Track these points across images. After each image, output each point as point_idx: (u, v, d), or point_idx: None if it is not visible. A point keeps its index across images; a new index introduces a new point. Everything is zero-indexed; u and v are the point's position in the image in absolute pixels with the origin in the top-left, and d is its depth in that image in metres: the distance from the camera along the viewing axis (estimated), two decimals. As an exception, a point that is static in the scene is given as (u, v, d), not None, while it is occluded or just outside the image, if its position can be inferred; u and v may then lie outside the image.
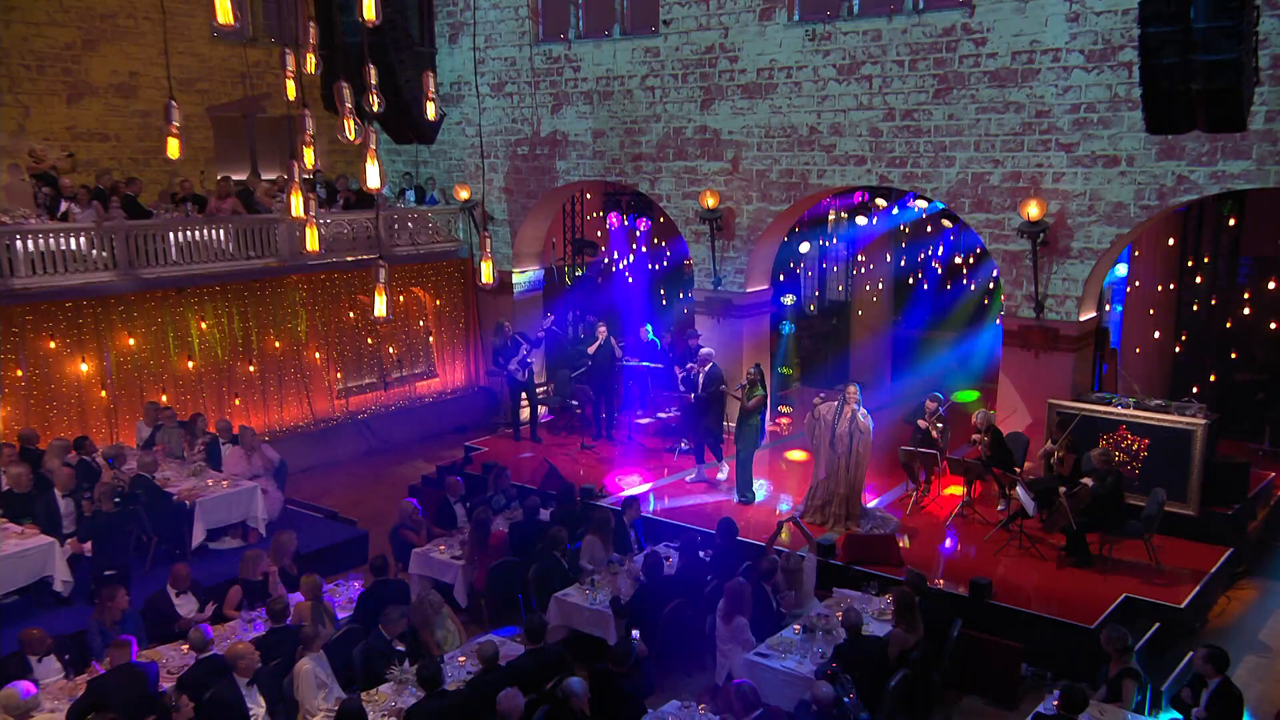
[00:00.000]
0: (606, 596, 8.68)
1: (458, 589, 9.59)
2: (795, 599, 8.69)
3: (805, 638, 7.88)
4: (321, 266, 14.95)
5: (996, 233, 12.22)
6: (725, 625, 7.98)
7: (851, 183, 13.37)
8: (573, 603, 8.82)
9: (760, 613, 8.20)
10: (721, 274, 14.80)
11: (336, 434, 15.34)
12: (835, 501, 10.95)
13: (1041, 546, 10.32)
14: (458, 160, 17.54)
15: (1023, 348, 12.12)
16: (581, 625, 8.75)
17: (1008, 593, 9.32)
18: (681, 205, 14.97)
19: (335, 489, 13.96)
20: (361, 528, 11.75)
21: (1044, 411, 11.79)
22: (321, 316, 15.12)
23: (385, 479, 14.49)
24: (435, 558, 9.89)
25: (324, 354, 15.23)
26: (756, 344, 15.14)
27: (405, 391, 16.56)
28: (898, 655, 7.54)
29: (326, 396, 15.33)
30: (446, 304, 17.10)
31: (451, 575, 9.70)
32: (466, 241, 17.29)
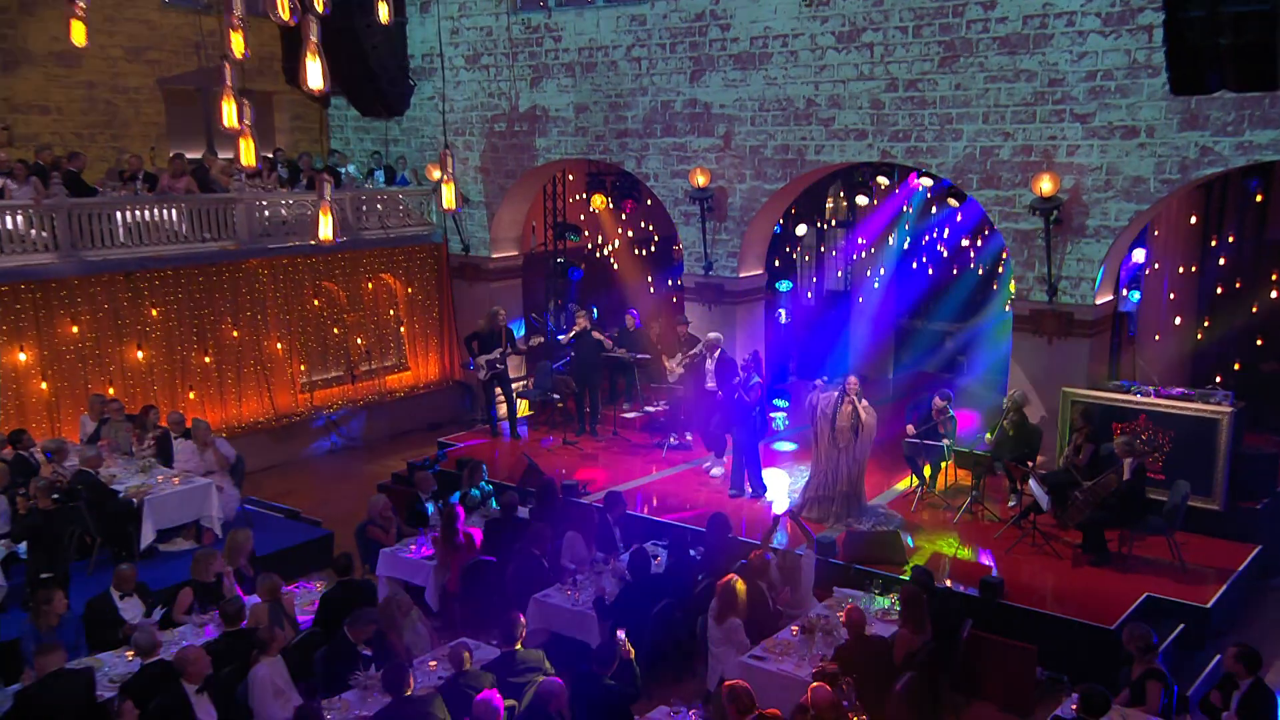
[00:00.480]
0: (590, 597, 8.57)
1: (429, 591, 9.47)
2: (792, 598, 8.56)
3: (804, 639, 7.79)
4: (283, 250, 14.79)
5: (1006, 211, 12.15)
6: (718, 626, 7.88)
7: (852, 159, 13.29)
8: (553, 604, 8.73)
9: (755, 613, 8.10)
10: (713, 258, 14.70)
11: (300, 430, 15.19)
12: (836, 499, 10.87)
13: (1056, 544, 10.26)
14: (430, 138, 17.39)
15: (1035, 334, 12.05)
16: (563, 628, 8.65)
17: (1020, 592, 9.25)
18: (670, 185, 14.87)
19: (298, 489, 13.82)
20: (326, 528, 11.58)
21: (1058, 401, 11.73)
22: (283, 304, 14.95)
23: (352, 478, 14.35)
24: (405, 558, 9.76)
25: (286, 345, 15.07)
26: (751, 332, 15.04)
27: (374, 385, 16.42)
28: (904, 657, 7.46)
29: (289, 390, 15.17)
30: (419, 292, 16.96)
31: (423, 577, 9.57)
32: (440, 225, 17.15)
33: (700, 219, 14.44)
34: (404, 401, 16.69)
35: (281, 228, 14.77)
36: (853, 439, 10.79)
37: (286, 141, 17.77)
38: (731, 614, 7.85)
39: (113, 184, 13.59)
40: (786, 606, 8.52)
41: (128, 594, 8.34)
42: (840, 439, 10.80)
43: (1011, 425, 11.18)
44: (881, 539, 10.05)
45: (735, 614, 7.85)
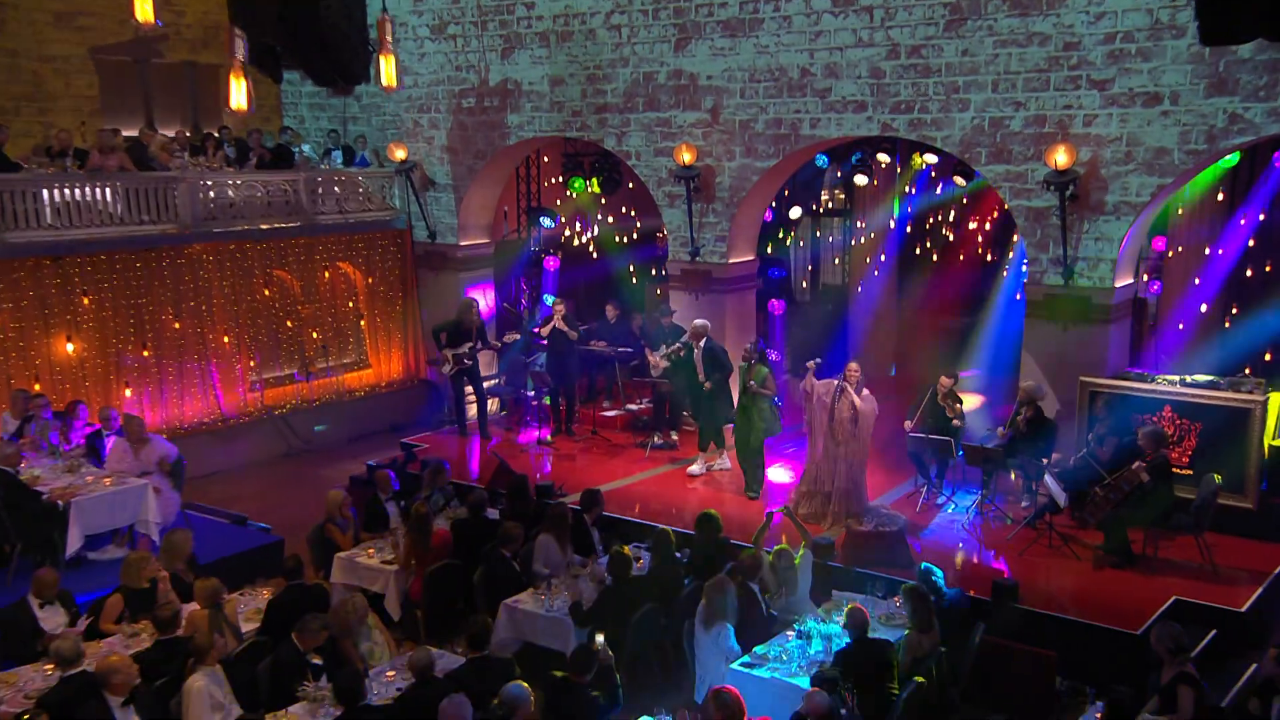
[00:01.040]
0: (566, 603, 8.37)
1: (389, 598, 9.31)
2: (788, 601, 8.42)
3: (801, 644, 7.65)
4: (230, 235, 14.58)
5: (1018, 187, 12.05)
6: (705, 631, 7.73)
7: (850, 133, 13.19)
8: (526, 610, 8.57)
9: (747, 617, 7.96)
10: (700, 242, 14.58)
11: (249, 432, 14.97)
12: (835, 497, 10.74)
13: (1075, 546, 10.19)
14: (392, 116, 17.21)
15: (1049, 320, 11.96)
16: (536, 637, 8.50)
17: (1037, 597, 9.19)
18: (653, 163, 14.74)
19: (246, 495, 13.56)
20: (277, 534, 11.35)
21: (1074, 393, 11.63)
22: (231, 294, 14.73)
23: (307, 483, 14.09)
24: (363, 563, 9.58)
25: (234, 338, 14.84)
26: (742, 323, 14.94)
27: (331, 384, 16.20)
28: (910, 663, 7.32)
29: (237, 389, 14.94)
30: (380, 282, 16.76)
31: (382, 583, 9.41)
32: (404, 211, 16.98)
33: (686, 200, 14.30)
34: (364, 402, 16.47)
35: (228, 210, 14.56)
36: (852, 431, 10.63)
37: (235, 120, 17.48)
38: (721, 618, 7.69)
39: (39, 161, 13.32)
40: (781, 611, 8.37)
41: (48, 601, 8.08)
42: (839, 431, 10.66)
43: (1026, 419, 11.08)
44: (885, 539, 9.95)
45: (725, 618, 7.70)
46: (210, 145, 15.33)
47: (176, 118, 16.36)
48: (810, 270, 18.50)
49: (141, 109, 16.38)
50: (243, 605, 8.54)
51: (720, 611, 7.70)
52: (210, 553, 10.17)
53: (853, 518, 10.61)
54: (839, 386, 10.79)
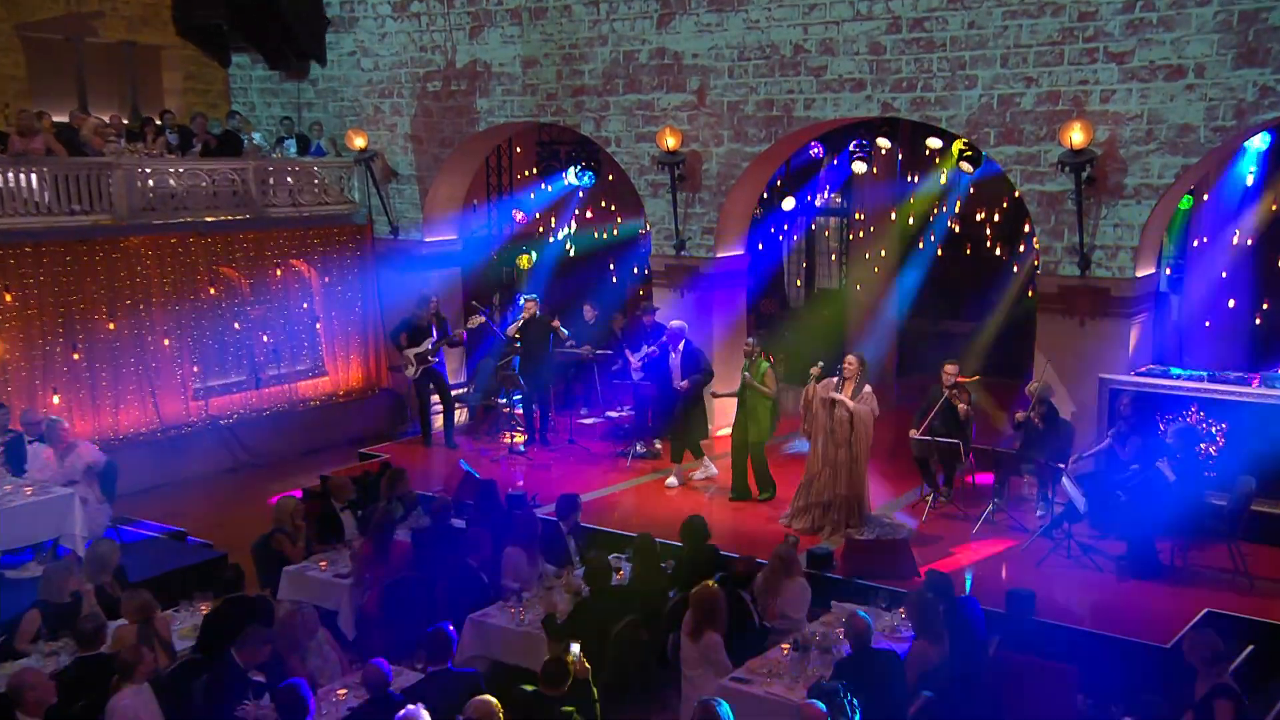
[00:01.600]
0: (539, 616, 8.20)
1: (343, 616, 9.11)
2: (784, 612, 8.29)
3: (797, 657, 7.48)
4: (172, 227, 14.39)
5: (1030, 170, 12.02)
6: (693, 644, 7.58)
7: (847, 114, 13.16)
8: (495, 625, 8.44)
9: (738, 629, 7.84)
10: (685, 235, 14.51)
11: (192, 444, 14.70)
12: (835, 505, 10.64)
13: (1096, 557, 10.12)
14: (350, 101, 17.11)
15: (1064, 314, 11.93)
16: (506, 654, 8.38)
17: (1054, 609, 9.09)
18: (634, 150, 14.68)
19: (187, 511, 13.30)
20: (219, 550, 11.13)
21: (1092, 393, 11.57)
22: (172, 292, 14.50)
23: (256, 499, 13.83)
24: (314, 577, 9.42)
25: (176, 341, 14.62)
26: (730, 324, 14.90)
27: (284, 393, 16.00)
28: (917, 677, 7.17)
29: (179, 396, 14.71)
30: (338, 281, 16.59)
31: (336, 599, 9.22)
32: (364, 204, 16.85)
33: (670, 189, 14.23)
34: (320, 412, 16.27)
35: (169, 201, 14.37)
36: (851, 432, 10.59)
37: (178, 105, 17.37)
38: (709, 628, 7.54)
39: (-45, 144, 13.12)
40: (775, 622, 8.26)
41: (-42, 617, 7.83)
42: (839, 433, 10.58)
43: (1041, 416, 11.01)
44: (888, 549, 9.86)
45: (714, 628, 7.55)
46: (150, 131, 15.15)
47: (113, 102, 16.22)
48: (805, 265, 18.39)
49: (74, 91, 16.21)
50: (178, 622, 8.33)
51: (709, 621, 7.54)
52: (144, 569, 9.95)
53: (853, 527, 10.51)
54: (838, 384, 10.73)
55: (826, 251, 19.49)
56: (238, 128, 16.28)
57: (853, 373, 10.75)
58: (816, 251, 19.58)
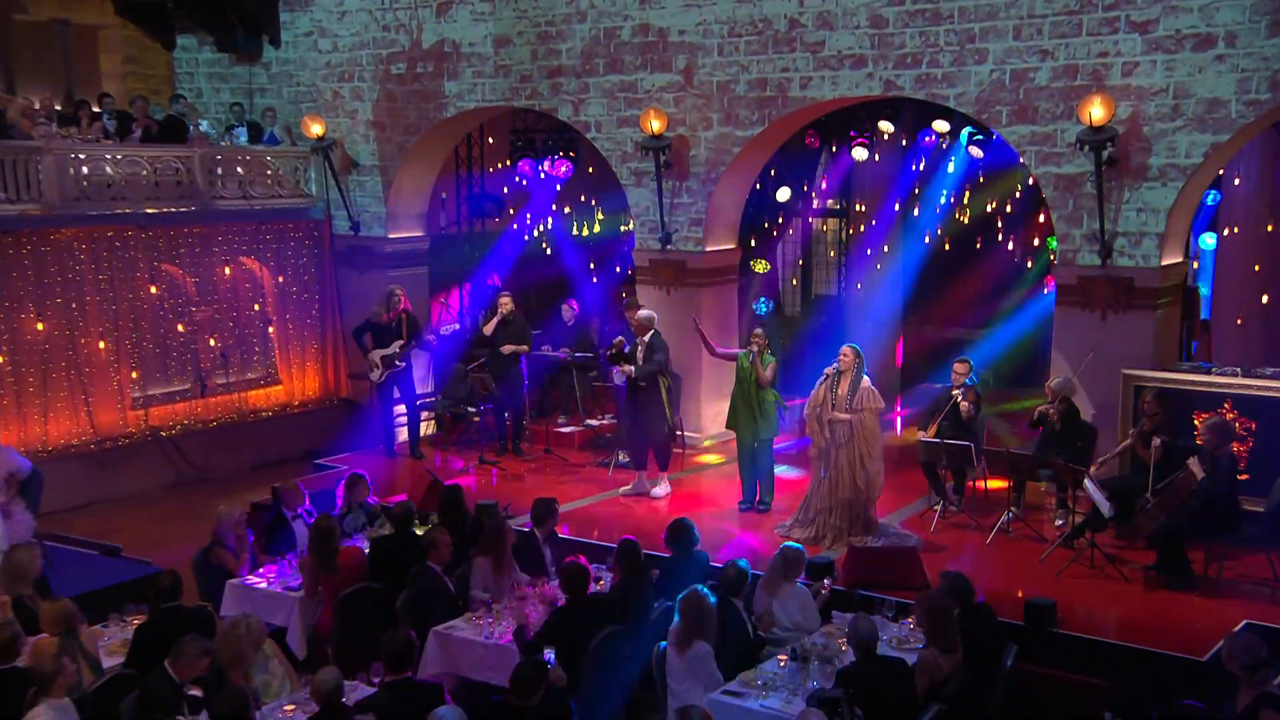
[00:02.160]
0: (510, 629, 8.13)
1: (293, 632, 9.06)
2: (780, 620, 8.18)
3: (796, 669, 7.41)
4: (108, 219, 14.27)
5: (1046, 151, 12.00)
6: (680, 655, 7.47)
7: (846, 94, 13.14)
8: (462, 638, 8.35)
9: (730, 638, 7.76)
10: (672, 226, 14.45)
11: (130, 458, 14.57)
12: (835, 510, 10.58)
13: (1123, 567, 10.10)
14: (307, 86, 17.05)
15: (1084, 307, 11.89)
16: (474, 670, 8.30)
17: (1077, 622, 9.09)
18: (616, 136, 14.65)
19: (124, 529, 13.16)
20: (157, 566, 10.93)
21: (1115, 393, 11.53)
22: (109, 290, 14.36)
23: (198, 518, 13.54)
24: (261, 590, 9.36)
25: (112, 344, 14.49)
26: (722, 323, 14.83)
27: (232, 402, 15.88)
28: (928, 688, 7.11)
29: (116, 405, 14.56)
30: (293, 282, 16.50)
31: (285, 614, 9.17)
32: (321, 197, 16.77)
33: (655, 177, 14.17)
34: (273, 424, 16.13)
35: (106, 190, 14.25)
36: (850, 433, 10.59)
37: (117, 91, 17.25)
38: (698, 637, 7.46)
39: None
40: (771, 631, 8.19)
41: None
42: (839, 433, 10.59)
43: (1060, 414, 11.01)
44: (896, 556, 9.84)
45: (703, 637, 7.46)
46: (85, 116, 15.03)
47: (45, 84, 16.08)
48: (797, 278, 18.41)
49: (1, 72, 16.08)
50: (107, 637, 8.24)
51: (698, 630, 7.46)
52: (72, 586, 9.68)
53: (855, 534, 10.44)
54: (834, 378, 10.78)
55: (825, 255, 19.56)
56: (182, 113, 16.19)
57: (848, 365, 10.74)
58: (814, 256, 19.68)
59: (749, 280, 16.71)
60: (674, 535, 9.12)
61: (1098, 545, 10.17)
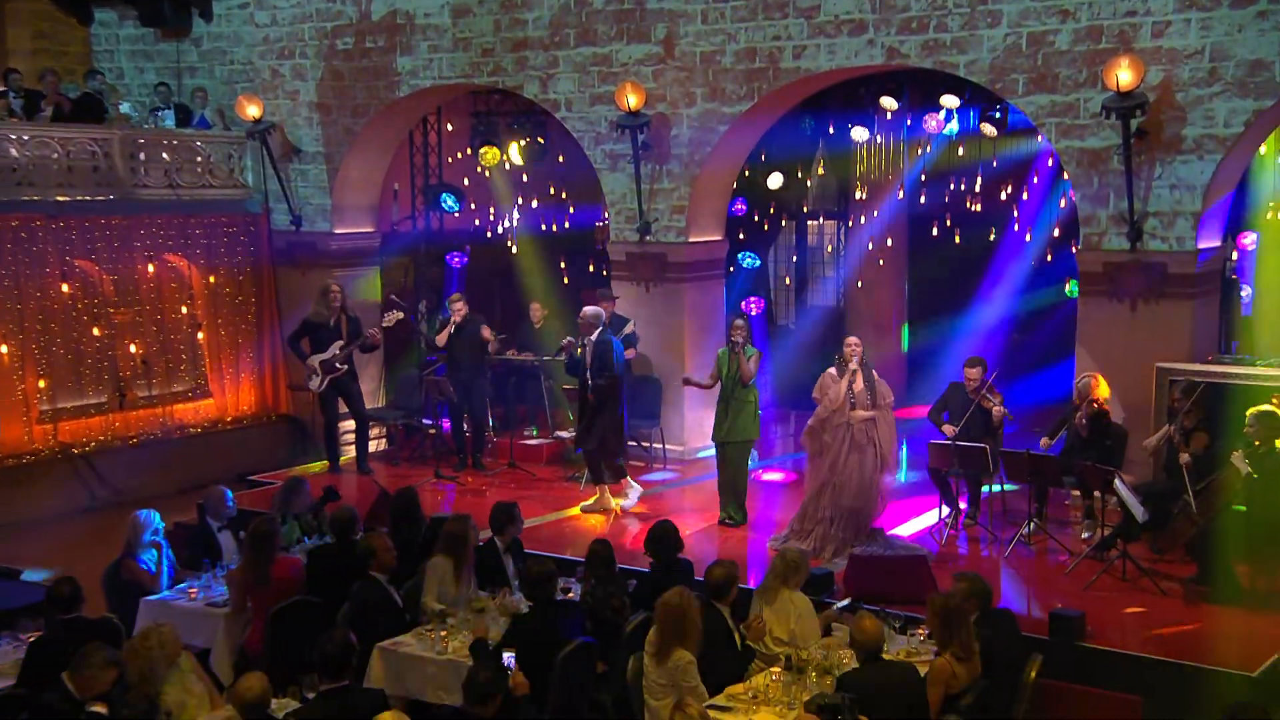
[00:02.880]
0: (466, 644, 8.03)
1: (217, 654, 8.97)
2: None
3: (791, 680, 7.33)
4: (12, 206, 14.10)
5: (1067, 123, 12.02)
6: (658, 666, 7.37)
7: (845, 63, 13.17)
8: (410, 654, 8.25)
9: (716, 647, 7.68)
10: (651, 215, 14.43)
11: (36, 477, 14.35)
12: (837, 520, 10.69)
13: (1159, 580, 10.07)
14: (242, 64, 16.99)
15: (1111, 297, 11.91)
16: (423, 691, 8.18)
17: (1109, 635, 9.12)
18: (589, 115, 14.66)
19: (28, 556, 12.93)
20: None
21: (1147, 392, 11.55)
22: (13, 287, 14.16)
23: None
24: (181, 608, 9.26)
25: (17, 349, 14.29)
26: (707, 324, 14.87)
27: (156, 417, 15.67)
28: (942, 699, 7.08)
29: (20, 418, 14.33)
30: (226, 282, 16.35)
31: (208, 634, 9.09)
32: (258, 188, 16.67)
33: (633, 159, 14.15)
34: (202, 441, 15.93)
35: (10, 175, 14.11)
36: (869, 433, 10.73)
37: (27, 69, 17.11)
38: (679, 645, 7.34)
39: None
40: (763, 644, 8.07)
41: None
42: (860, 434, 10.68)
43: (1087, 416, 11.04)
44: (903, 566, 9.82)
45: (685, 646, 7.35)
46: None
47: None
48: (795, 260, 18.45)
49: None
50: (1, 658, 8.12)
51: (678, 637, 7.35)
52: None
53: (859, 543, 10.43)
54: (851, 370, 10.81)
55: (821, 262, 19.63)
56: (100, 90, 16.09)
57: (857, 353, 10.86)
58: (810, 263, 19.76)
59: (739, 277, 16.69)
60: (655, 540, 9.05)
61: (1130, 556, 10.15)
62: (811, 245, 19.90)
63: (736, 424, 11.83)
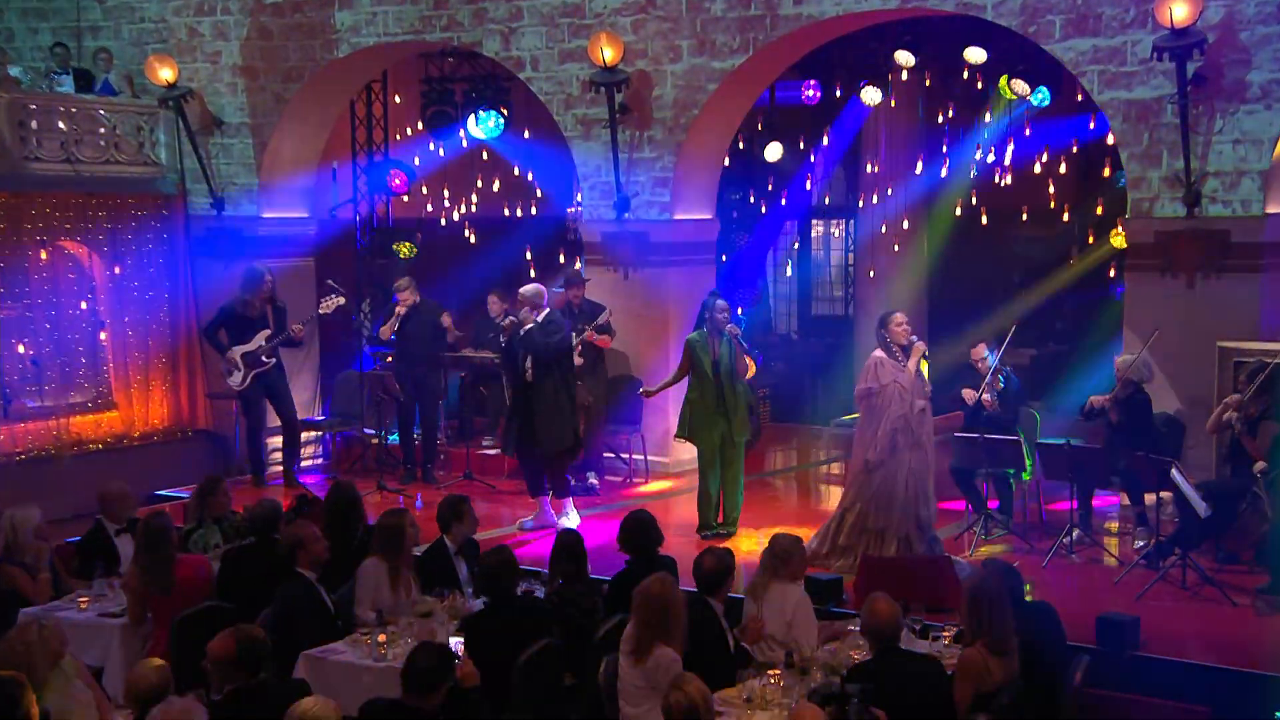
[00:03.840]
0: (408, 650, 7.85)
1: (111, 671, 8.85)
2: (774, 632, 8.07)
3: (793, 680, 7.30)
4: None
5: (1112, 71, 12.08)
6: (636, 667, 7.30)
7: (853, 8, 13.21)
8: (342, 663, 8.23)
9: (706, 647, 7.62)
10: (631, 189, 14.45)
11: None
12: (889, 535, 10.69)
13: (1229, 590, 10.06)
14: (153, 21, 16.95)
15: (1164, 272, 11.97)
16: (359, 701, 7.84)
17: (1166, 644, 9.22)
18: (558, 74, 14.71)
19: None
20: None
21: (1208, 378, 11.56)
22: None
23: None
24: (70, 620, 9.02)
25: (-118, 349, 14.30)
26: (694, 315, 14.53)
27: (48, 430, 15.50)
28: (972, 698, 7.00)
29: (-121, 428, 14.37)
30: (134, 274, 16.25)
31: (102, 649, 9.05)
32: (173, 165, 16.59)
33: (609, 124, 14.15)
34: (104, 459, 15.72)
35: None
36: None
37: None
38: (661, 642, 7.26)
39: None
40: (759, 645, 8.05)
41: None
42: (919, 426, 10.69)
43: (1116, 399, 11.16)
44: (922, 569, 10.02)
45: (668, 642, 7.28)
46: None
47: None
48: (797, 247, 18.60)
49: None
50: None
51: (659, 632, 7.27)
52: None
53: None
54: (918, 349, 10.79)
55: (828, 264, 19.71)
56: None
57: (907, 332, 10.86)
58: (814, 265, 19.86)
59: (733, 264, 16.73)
60: (630, 534, 8.98)
61: (1193, 562, 10.16)
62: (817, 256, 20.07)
63: (733, 424, 11.85)
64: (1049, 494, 12.22)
